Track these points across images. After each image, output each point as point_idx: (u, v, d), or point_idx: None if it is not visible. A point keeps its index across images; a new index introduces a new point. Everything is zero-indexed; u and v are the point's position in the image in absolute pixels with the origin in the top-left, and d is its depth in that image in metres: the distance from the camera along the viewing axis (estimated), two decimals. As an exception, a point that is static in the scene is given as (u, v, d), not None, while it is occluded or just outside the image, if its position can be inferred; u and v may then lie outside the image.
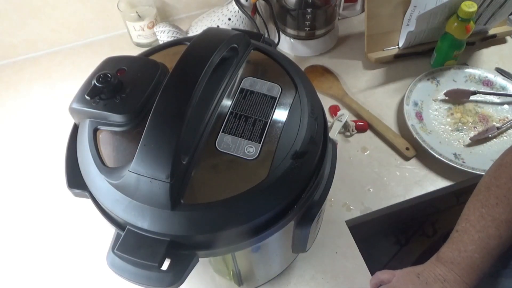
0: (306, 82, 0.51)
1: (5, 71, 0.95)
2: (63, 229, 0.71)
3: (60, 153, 0.49)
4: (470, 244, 0.51)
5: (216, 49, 0.44)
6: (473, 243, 0.51)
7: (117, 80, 0.46)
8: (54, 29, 0.95)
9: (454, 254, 0.52)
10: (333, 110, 0.84)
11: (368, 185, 0.74)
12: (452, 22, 0.81)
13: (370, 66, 0.92)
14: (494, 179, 0.54)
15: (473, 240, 0.51)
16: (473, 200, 0.55)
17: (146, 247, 0.40)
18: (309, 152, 0.45)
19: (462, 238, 0.52)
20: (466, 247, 0.51)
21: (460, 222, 0.54)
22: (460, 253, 0.52)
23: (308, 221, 0.47)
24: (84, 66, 0.95)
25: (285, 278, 0.65)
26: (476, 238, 0.51)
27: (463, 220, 0.54)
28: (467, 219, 0.53)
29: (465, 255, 0.51)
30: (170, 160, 0.38)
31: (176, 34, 0.89)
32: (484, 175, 0.56)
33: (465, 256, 0.51)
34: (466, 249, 0.51)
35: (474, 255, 0.51)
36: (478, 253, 0.51)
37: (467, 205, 0.55)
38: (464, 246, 0.52)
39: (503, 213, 0.51)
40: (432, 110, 0.83)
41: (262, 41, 0.58)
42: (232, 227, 0.41)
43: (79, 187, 0.46)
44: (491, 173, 0.55)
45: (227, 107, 0.47)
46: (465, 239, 0.52)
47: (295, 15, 0.89)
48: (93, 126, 0.46)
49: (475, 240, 0.51)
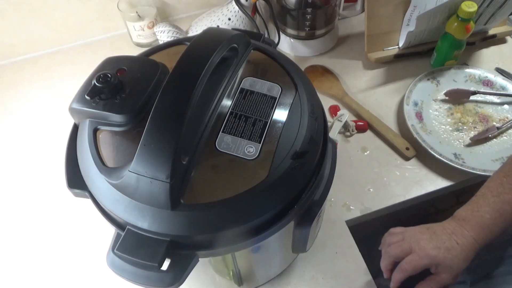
0: (306, 82, 0.51)
1: (5, 71, 0.95)
2: (63, 229, 0.71)
3: (60, 153, 0.49)
4: (484, 206, 0.54)
5: (216, 49, 0.44)
6: (487, 205, 0.54)
7: (117, 80, 0.46)
8: (54, 29, 0.95)
9: (467, 213, 0.55)
10: (333, 110, 0.84)
11: (368, 185, 0.74)
12: (452, 22, 0.81)
13: (370, 66, 0.92)
14: None
15: (488, 203, 0.54)
16: (498, 171, 0.57)
17: (146, 247, 0.40)
18: (309, 152, 0.45)
19: (478, 200, 0.55)
20: (480, 208, 0.54)
21: (481, 189, 0.57)
22: (473, 212, 0.54)
23: (308, 221, 0.47)
24: (84, 66, 0.95)
25: (285, 278, 0.65)
26: (491, 202, 0.54)
27: (484, 187, 0.57)
28: (487, 186, 0.56)
29: (477, 214, 0.54)
30: (170, 160, 0.38)
31: (176, 34, 0.89)
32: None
33: (476, 215, 0.54)
34: (479, 209, 0.54)
35: (485, 215, 0.53)
36: (489, 214, 0.53)
37: (492, 175, 0.57)
38: (478, 207, 0.54)
39: None
40: (432, 110, 0.83)
41: (262, 41, 0.58)
42: (232, 227, 0.41)
43: (79, 187, 0.46)
44: None
45: (227, 107, 0.47)
46: (481, 202, 0.55)
47: (295, 15, 0.89)
48: (93, 126, 0.46)
49: (489, 203, 0.54)
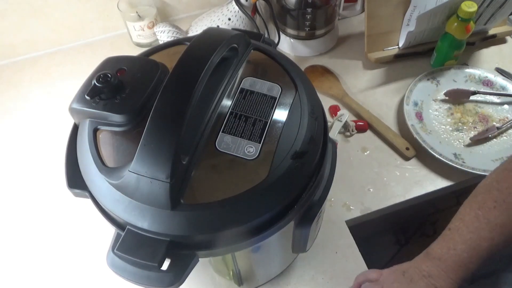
0: (306, 82, 0.51)
1: (5, 71, 0.95)
2: (63, 229, 0.71)
3: (60, 153, 0.49)
4: (460, 243, 0.51)
5: (216, 49, 0.44)
6: (463, 243, 0.50)
7: (117, 80, 0.46)
8: (54, 29, 0.95)
9: (443, 251, 0.51)
10: (333, 110, 0.84)
11: (368, 185, 0.74)
12: (452, 22, 0.81)
13: (370, 66, 0.92)
14: (496, 183, 0.53)
15: (464, 240, 0.51)
16: (471, 201, 0.54)
17: (146, 247, 0.40)
18: (309, 152, 0.45)
19: (454, 236, 0.52)
20: (456, 246, 0.51)
21: (454, 220, 0.54)
22: (449, 250, 0.51)
23: (308, 221, 0.47)
24: (84, 66, 0.95)
25: (285, 278, 0.65)
26: (468, 239, 0.50)
27: (457, 219, 0.53)
28: (462, 219, 0.53)
29: (454, 252, 0.51)
30: (170, 160, 0.38)
31: (176, 34, 0.89)
32: (487, 177, 0.55)
33: (453, 254, 0.50)
34: (456, 247, 0.51)
35: (462, 254, 0.50)
36: (467, 253, 0.50)
37: (464, 204, 0.54)
38: (454, 245, 0.51)
39: (498, 217, 0.50)
40: (432, 110, 0.83)
41: (262, 41, 0.58)
42: (232, 227, 0.41)
43: (79, 187, 0.46)
44: (494, 176, 0.54)
45: (227, 107, 0.47)
46: (456, 238, 0.51)
47: (295, 15, 0.89)
48: (93, 126, 0.46)
49: (466, 240, 0.50)
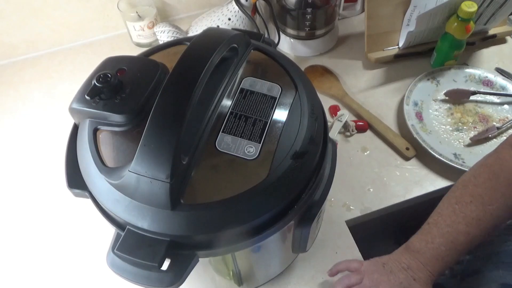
0: (306, 82, 0.51)
1: (5, 71, 0.95)
2: (63, 229, 0.71)
3: (60, 153, 0.49)
4: (438, 237, 0.52)
5: (216, 49, 0.44)
6: (441, 236, 0.52)
7: (117, 80, 0.46)
8: (54, 29, 0.95)
9: (422, 244, 0.53)
10: (333, 110, 0.84)
11: (368, 185, 0.74)
12: (452, 22, 0.81)
13: (370, 66, 0.92)
14: (473, 178, 0.55)
15: (442, 234, 0.52)
16: (449, 196, 0.56)
17: (146, 247, 0.40)
18: (309, 152, 0.45)
19: (431, 230, 0.54)
20: (434, 239, 0.53)
21: (433, 215, 0.55)
22: (427, 244, 0.53)
23: (308, 221, 0.47)
24: (84, 66, 0.95)
25: (285, 278, 0.65)
26: (445, 232, 0.52)
27: (436, 213, 0.55)
28: (440, 213, 0.55)
29: (432, 246, 0.52)
30: (170, 160, 0.38)
31: (176, 34, 0.89)
32: (465, 173, 0.57)
33: (431, 247, 0.52)
34: (434, 241, 0.52)
35: (440, 247, 0.52)
36: (444, 246, 0.52)
37: (443, 199, 0.56)
38: (432, 238, 0.53)
39: (474, 211, 0.52)
40: (432, 110, 0.83)
41: (262, 41, 0.58)
42: (232, 227, 0.41)
43: (79, 187, 0.46)
44: (472, 171, 0.56)
45: (227, 107, 0.47)
46: (434, 232, 0.53)
47: (295, 15, 0.89)
48: (93, 126, 0.46)
49: (443, 233, 0.52)
